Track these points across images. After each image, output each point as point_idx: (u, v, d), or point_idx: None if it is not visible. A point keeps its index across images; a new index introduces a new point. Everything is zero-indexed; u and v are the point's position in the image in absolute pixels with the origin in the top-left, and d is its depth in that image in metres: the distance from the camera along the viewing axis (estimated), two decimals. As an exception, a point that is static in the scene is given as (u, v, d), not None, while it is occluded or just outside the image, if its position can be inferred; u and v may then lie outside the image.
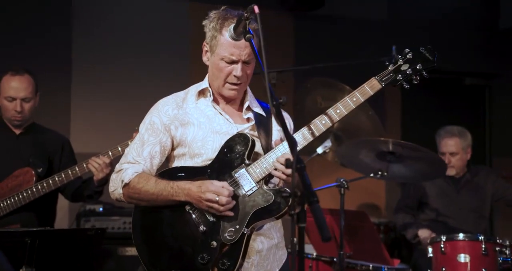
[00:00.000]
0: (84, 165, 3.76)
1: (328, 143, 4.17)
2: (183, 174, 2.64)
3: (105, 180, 3.75)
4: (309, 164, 5.04)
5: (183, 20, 5.97)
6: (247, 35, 2.41)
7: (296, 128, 2.71)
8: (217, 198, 2.49)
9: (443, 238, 3.93)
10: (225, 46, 2.62)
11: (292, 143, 2.03)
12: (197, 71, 5.76)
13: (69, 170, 3.76)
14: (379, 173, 4.00)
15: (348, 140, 4.18)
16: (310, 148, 4.51)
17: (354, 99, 2.62)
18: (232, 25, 2.54)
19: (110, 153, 3.72)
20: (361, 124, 4.13)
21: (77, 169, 3.76)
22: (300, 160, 1.95)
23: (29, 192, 3.74)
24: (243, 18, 2.42)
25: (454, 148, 4.80)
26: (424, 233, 4.58)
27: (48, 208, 3.98)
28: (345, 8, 6.59)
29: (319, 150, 4.20)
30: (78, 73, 5.71)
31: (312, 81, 4.44)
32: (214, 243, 2.53)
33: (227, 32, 2.59)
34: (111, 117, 5.75)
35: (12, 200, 3.74)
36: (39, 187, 3.74)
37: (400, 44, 4.75)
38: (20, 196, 3.74)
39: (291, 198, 1.86)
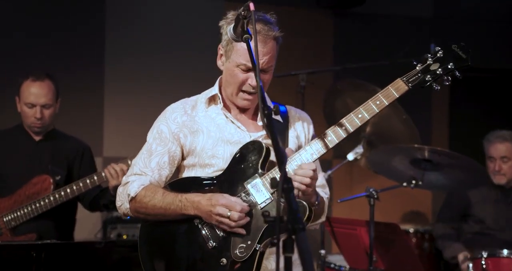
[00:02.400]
0: (103, 174, 3.63)
1: (359, 149, 3.94)
2: (192, 185, 2.45)
3: None
4: (341, 170, 4.89)
5: (218, 19, 5.80)
6: (245, 36, 2.19)
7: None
8: (229, 213, 2.29)
9: (484, 254, 3.62)
10: (241, 52, 2.43)
11: (281, 158, 1.78)
12: None
13: (87, 179, 3.65)
14: (413, 181, 3.71)
15: (381, 145, 3.93)
16: (342, 153, 4.30)
17: (378, 102, 2.39)
18: (231, 26, 2.32)
19: (129, 161, 3.58)
20: (395, 129, 3.89)
21: (95, 178, 3.64)
22: (287, 180, 1.71)
23: (47, 200, 3.64)
24: (240, 17, 2.20)
25: (506, 152, 4.44)
26: (463, 257, 4.22)
27: (66, 216, 3.88)
28: (388, 6, 6.28)
29: (350, 157, 3.97)
30: (111, 73, 5.63)
31: (342, 83, 4.21)
32: (224, 260, 2.33)
33: (229, 34, 2.37)
34: (143, 121, 5.63)
35: (29, 208, 3.65)
36: (57, 195, 3.64)
37: (445, 43, 4.50)
38: (38, 205, 3.64)
39: (275, 223, 1.62)
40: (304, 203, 2.32)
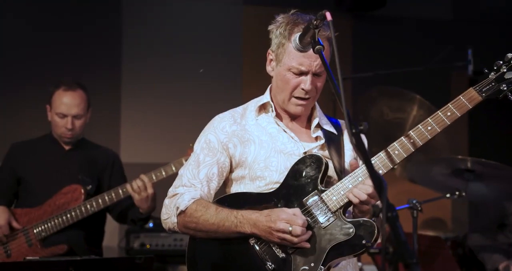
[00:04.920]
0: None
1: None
2: (244, 201, 2.31)
3: (148, 208, 3.52)
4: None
5: (237, 23, 5.72)
6: (317, 47, 2.06)
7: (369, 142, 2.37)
8: (290, 228, 2.15)
9: None
10: (294, 55, 2.30)
11: (381, 185, 1.61)
12: (250, 75, 5.70)
13: (119, 188, 3.55)
14: (457, 192, 3.60)
15: (418, 154, 3.82)
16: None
17: (449, 114, 2.25)
18: (298, 35, 2.19)
19: (153, 176, 3.48)
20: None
21: (128, 187, 3.53)
22: (391, 207, 1.56)
23: (78, 211, 3.54)
24: (311, 26, 2.07)
25: None
26: (503, 268, 4.11)
27: (96, 227, 3.79)
28: (408, 8, 6.15)
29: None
30: (128, 76, 5.52)
31: (377, 90, 4.08)
32: (285, 284, 2.19)
33: (294, 43, 2.26)
34: (161, 125, 5.54)
35: (60, 219, 3.55)
36: (88, 206, 3.54)
37: (471, 46, 4.42)
38: (68, 216, 3.54)
39: (381, 255, 1.50)
40: (373, 222, 2.20)
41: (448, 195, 3.68)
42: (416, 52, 5.81)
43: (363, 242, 2.17)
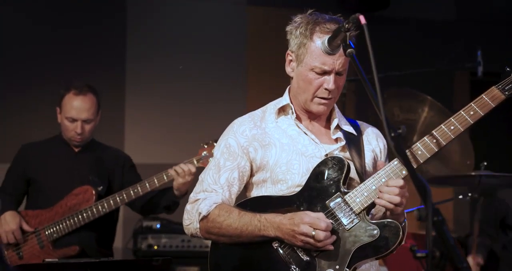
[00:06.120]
0: (147, 184, 3.52)
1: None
2: (267, 205, 2.29)
3: (185, 190, 3.51)
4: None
5: (240, 23, 5.70)
6: (349, 50, 2.05)
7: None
8: (313, 232, 2.13)
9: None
10: (316, 54, 2.28)
11: (424, 189, 1.59)
12: (253, 75, 5.68)
13: (131, 189, 3.53)
14: (469, 194, 3.60)
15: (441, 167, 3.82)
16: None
17: (472, 112, 2.23)
18: (327, 37, 2.18)
19: (195, 161, 3.49)
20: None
21: (139, 188, 3.52)
22: (437, 211, 1.54)
23: (89, 212, 3.52)
24: (343, 29, 2.06)
25: None
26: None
27: (107, 228, 3.76)
28: (412, 9, 6.15)
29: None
30: (132, 76, 5.51)
31: (388, 92, 4.07)
32: (310, 287, 2.17)
33: (320, 44, 2.25)
34: (166, 125, 5.52)
35: (72, 221, 3.53)
36: (99, 207, 3.52)
37: (479, 47, 4.41)
38: (80, 217, 3.52)
39: (426, 259, 1.49)
40: (397, 223, 2.20)
41: (460, 196, 3.68)
42: (417, 53, 5.79)
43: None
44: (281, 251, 2.22)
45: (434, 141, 2.23)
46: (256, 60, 5.75)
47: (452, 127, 2.23)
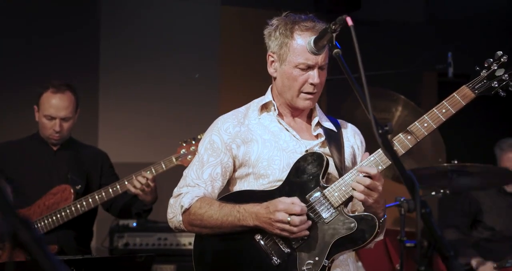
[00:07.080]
0: (126, 182, 3.53)
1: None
2: (249, 198, 2.36)
3: (154, 199, 3.52)
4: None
5: (214, 23, 5.74)
6: (335, 51, 2.12)
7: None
8: (289, 218, 2.20)
9: (494, 265, 3.62)
10: (299, 51, 2.36)
11: (412, 183, 1.66)
12: (227, 75, 5.72)
13: (109, 188, 3.54)
14: (441, 190, 3.70)
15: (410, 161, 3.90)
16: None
17: (444, 110, 2.33)
18: (313, 38, 2.27)
19: (174, 159, 3.49)
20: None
21: (118, 186, 3.54)
22: (424, 204, 1.62)
23: (68, 211, 3.53)
24: (329, 30, 2.14)
25: None
26: (476, 263, 4.22)
27: (85, 227, 3.77)
28: (383, 11, 6.28)
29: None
30: (105, 78, 5.49)
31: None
32: (291, 278, 2.25)
33: (302, 41, 2.34)
34: (139, 127, 5.52)
35: (50, 219, 3.53)
36: (78, 205, 3.53)
37: (447, 49, 4.52)
38: (59, 216, 3.53)
39: (416, 249, 1.56)
40: (374, 216, 2.28)
41: (433, 193, 3.78)
42: (388, 54, 5.87)
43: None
44: (262, 243, 2.29)
45: (409, 137, 2.33)
46: (229, 60, 5.79)
47: (425, 124, 2.33)
